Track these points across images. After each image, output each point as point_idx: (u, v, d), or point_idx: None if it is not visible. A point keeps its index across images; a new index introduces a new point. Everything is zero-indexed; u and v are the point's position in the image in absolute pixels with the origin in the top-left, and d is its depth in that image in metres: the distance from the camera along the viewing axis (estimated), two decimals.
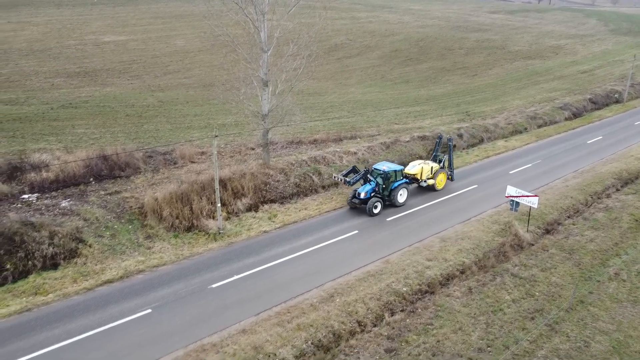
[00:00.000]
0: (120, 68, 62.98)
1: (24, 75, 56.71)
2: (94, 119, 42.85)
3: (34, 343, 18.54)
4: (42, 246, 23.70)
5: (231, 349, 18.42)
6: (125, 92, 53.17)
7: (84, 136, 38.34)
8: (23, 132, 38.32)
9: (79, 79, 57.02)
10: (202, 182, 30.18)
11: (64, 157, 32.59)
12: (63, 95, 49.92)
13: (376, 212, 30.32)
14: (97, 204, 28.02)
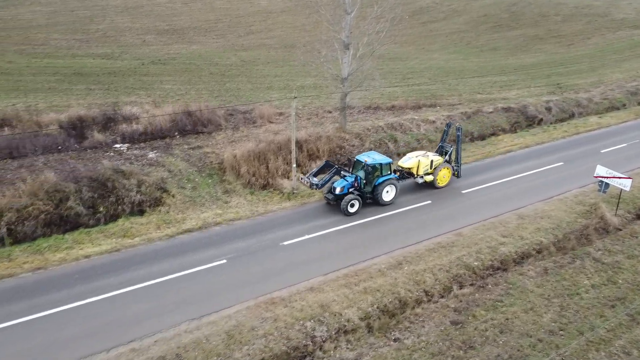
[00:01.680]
0: (206, 27, 64.68)
1: (119, 31, 59.81)
2: (180, 76, 44.65)
3: (121, 281, 20.21)
4: (131, 193, 25.47)
5: (299, 305, 19.07)
6: (210, 50, 54.73)
7: (170, 92, 40.16)
8: (117, 85, 40.78)
9: (168, 36, 59.32)
10: (279, 143, 30.80)
11: (152, 110, 34.41)
12: (153, 52, 52.29)
13: (352, 211, 25.79)
14: (180, 157, 29.51)
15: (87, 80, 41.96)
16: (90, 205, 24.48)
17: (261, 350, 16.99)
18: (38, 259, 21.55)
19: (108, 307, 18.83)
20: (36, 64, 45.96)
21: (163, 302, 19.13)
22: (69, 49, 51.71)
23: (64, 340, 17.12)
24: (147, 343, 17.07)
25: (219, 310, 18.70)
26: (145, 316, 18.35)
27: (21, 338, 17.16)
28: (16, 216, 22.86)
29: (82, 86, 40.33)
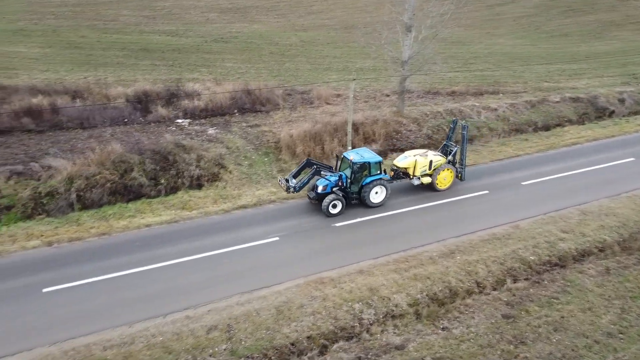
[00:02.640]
0: (268, 5, 65.05)
1: (184, 8, 61.22)
2: (241, 54, 45.33)
3: (178, 250, 21.06)
4: (190, 167, 26.33)
5: (348, 286, 19.22)
6: (270, 29, 55.10)
7: (231, 70, 40.89)
8: (180, 62, 41.95)
9: (231, 15, 60.15)
10: (335, 124, 30.79)
11: (213, 88, 35.24)
12: (216, 30, 53.27)
13: (334, 212, 23.79)
14: (238, 134, 30.14)
15: (153, 56, 43.40)
16: (152, 176, 25.53)
17: (309, 327, 17.31)
18: (103, 225, 22.80)
19: (165, 274, 19.72)
20: (106, 39, 47.97)
21: (217, 274, 19.81)
22: (137, 25, 53.57)
23: (124, 302, 18.12)
24: (200, 312, 17.78)
25: (270, 286, 19.16)
26: (200, 286, 19.08)
27: (86, 297, 18.31)
28: (85, 183, 24.22)
29: (148, 62, 41.76)
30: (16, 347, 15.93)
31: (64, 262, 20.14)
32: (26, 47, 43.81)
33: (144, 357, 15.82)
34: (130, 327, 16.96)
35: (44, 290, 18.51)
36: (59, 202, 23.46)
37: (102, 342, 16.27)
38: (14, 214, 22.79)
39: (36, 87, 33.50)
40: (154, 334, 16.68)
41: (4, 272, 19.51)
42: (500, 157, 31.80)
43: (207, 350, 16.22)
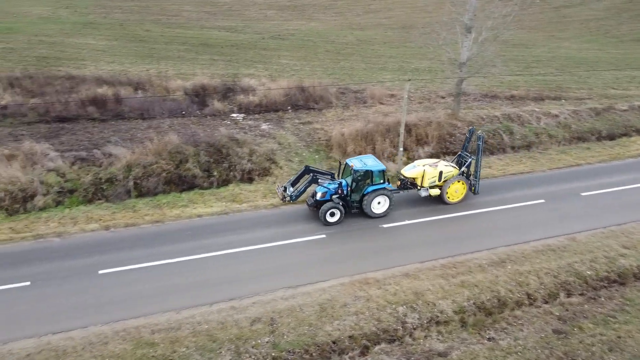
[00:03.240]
0: (326, 4, 65.27)
1: (244, 5, 62.42)
2: (297, 52, 45.70)
3: (226, 242, 21.51)
4: (243, 161, 26.83)
5: (393, 289, 19.01)
6: (327, 28, 55.25)
7: (286, 67, 41.32)
8: (238, 58, 42.80)
9: (289, 12, 60.78)
10: (388, 125, 30.51)
11: (268, 84, 35.73)
12: (273, 27, 53.98)
13: (331, 220, 22.80)
14: (290, 130, 30.44)
15: (212, 51, 44.51)
16: (205, 168, 26.21)
17: (351, 327, 17.25)
18: (157, 212, 23.62)
19: (213, 264, 20.20)
20: (169, 33, 49.63)
21: (263, 267, 20.09)
22: (198, 20, 55.10)
23: (173, 288, 18.69)
24: (245, 303, 18.09)
25: (314, 283, 19.23)
26: (246, 278, 19.41)
27: (138, 281, 19.03)
28: (142, 172, 25.17)
29: (207, 56, 42.87)
30: (72, 324, 16.77)
31: (119, 246, 21.03)
32: (94, 39, 46.01)
33: (190, 343, 16.27)
34: (178, 313, 17.49)
35: (100, 272, 19.40)
36: (118, 188, 24.50)
37: (150, 326, 16.86)
38: (76, 197, 24.00)
39: (102, 77, 35.12)
40: (199, 322, 17.12)
41: (64, 252, 20.59)
42: (559, 165, 30.53)
43: (250, 341, 16.48)
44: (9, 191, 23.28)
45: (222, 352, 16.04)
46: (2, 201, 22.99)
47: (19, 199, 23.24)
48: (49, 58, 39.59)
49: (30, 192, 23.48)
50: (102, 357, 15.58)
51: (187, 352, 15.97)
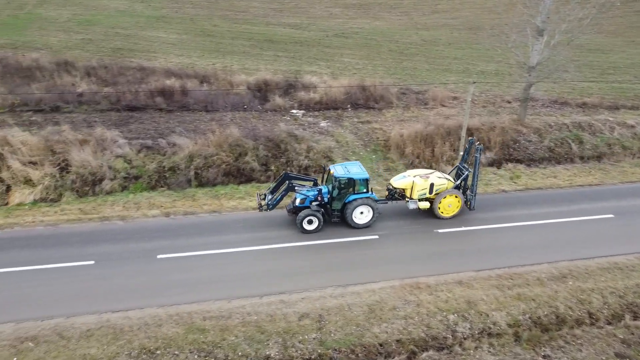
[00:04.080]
0: (392, 3, 64.53)
1: (310, 2, 62.78)
2: (360, 50, 45.52)
3: (278, 236, 21.78)
4: (300, 157, 27.07)
5: (444, 296, 18.56)
6: (392, 27, 54.63)
7: (348, 65, 41.25)
8: (301, 55, 43.16)
9: (354, 11, 60.58)
10: (449, 128, 29.82)
11: (329, 81, 35.81)
12: (338, 25, 54.00)
13: (309, 228, 21.86)
14: (349, 129, 30.37)
15: (276, 47, 45.15)
16: (263, 162, 26.65)
17: (399, 331, 17.00)
18: (215, 203, 24.28)
19: (265, 257, 20.51)
20: (235, 29, 50.78)
21: (314, 264, 20.19)
22: (265, 17, 56.03)
23: (226, 278, 19.15)
24: (294, 298, 18.25)
25: (364, 283, 19.11)
26: (296, 273, 19.58)
27: (193, 268, 19.64)
28: (203, 162, 25.94)
29: (271, 52, 43.53)
30: (130, 304, 17.56)
31: (178, 232, 21.79)
32: (166, 32, 47.84)
33: (239, 332, 16.60)
34: (229, 302, 17.89)
35: (158, 257, 20.18)
36: (179, 177, 25.38)
37: (202, 312, 17.36)
38: (140, 184, 25.09)
39: (171, 70, 36.50)
40: (249, 312, 17.44)
41: (127, 235, 21.58)
42: (632, 179, 28.73)
43: (297, 336, 16.61)
44: (80, 174, 24.69)
45: (270, 345, 16.26)
46: (73, 183, 24.43)
47: (88, 182, 24.59)
48: (123, 49, 41.59)
49: (99, 176, 24.79)
50: (155, 339, 16.19)
51: (235, 341, 16.31)
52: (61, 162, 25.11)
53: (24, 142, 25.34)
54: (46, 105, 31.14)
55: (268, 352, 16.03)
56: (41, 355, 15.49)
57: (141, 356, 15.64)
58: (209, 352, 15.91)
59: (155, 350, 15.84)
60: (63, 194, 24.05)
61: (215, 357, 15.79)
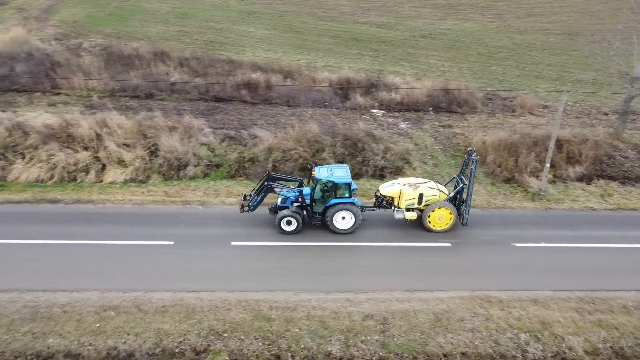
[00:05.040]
0: (484, 4, 62.30)
1: (398, 2, 62.11)
2: (446, 52, 44.41)
3: (355, 235, 21.78)
4: (376, 157, 26.92)
5: (517, 313, 17.72)
6: (482, 29, 52.76)
7: (433, 67, 40.39)
8: (385, 54, 42.87)
9: (444, 11, 59.16)
10: (536, 137, 28.36)
11: (412, 83, 35.30)
12: (425, 25, 53.00)
13: (287, 229, 21.31)
14: (429, 132, 29.80)
15: (361, 46, 45.14)
16: (340, 160, 26.77)
17: (465, 343, 16.48)
18: None
19: (334, 254, 20.69)
20: (322, 26, 51.39)
21: (383, 266, 20.06)
22: (352, 15, 56.19)
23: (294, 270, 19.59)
24: (360, 298, 18.22)
25: (433, 291, 18.69)
26: (364, 273, 19.55)
27: (264, 257, 20.23)
28: (281, 156, 26.55)
29: (355, 51, 43.60)
30: (203, 286, 18.37)
31: (252, 222, 22.38)
32: (255, 27, 49.39)
33: (303, 325, 16.87)
34: (296, 295, 18.21)
35: (232, 243, 20.93)
36: (257, 168, 26.14)
37: (269, 301, 17.81)
38: (221, 172, 26.13)
39: (257, 64, 37.69)
40: (314, 307, 17.65)
41: (205, 220, 22.57)
42: None
43: (360, 336, 16.59)
44: (167, 159, 26.16)
45: (332, 341, 16.37)
46: (160, 167, 25.93)
47: (174, 167, 25.99)
48: (214, 42, 43.49)
49: (184, 162, 26.12)
50: (224, 322, 16.85)
51: (299, 333, 16.59)
52: (151, 146, 26.76)
53: (120, 126, 27.27)
54: (142, 92, 33.35)
55: (330, 349, 16.15)
56: (120, 324, 16.63)
57: (209, 337, 16.34)
58: (272, 341, 16.31)
59: (222, 333, 16.49)
60: (150, 176, 25.60)
61: (279, 346, 16.16)
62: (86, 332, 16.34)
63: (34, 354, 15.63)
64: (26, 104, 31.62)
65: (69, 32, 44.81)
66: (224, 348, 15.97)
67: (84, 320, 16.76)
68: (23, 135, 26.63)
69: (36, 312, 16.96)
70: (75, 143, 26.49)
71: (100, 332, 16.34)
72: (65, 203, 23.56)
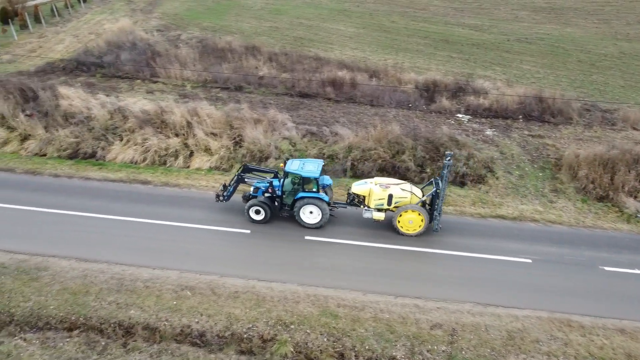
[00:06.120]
0: (590, 9, 58.28)
1: (494, 4, 59.72)
2: (543, 58, 42.09)
3: (423, 240, 21.32)
4: (458, 163, 26.06)
5: (599, 342, 16.50)
6: (585, 35, 49.37)
7: (527, 73, 38.44)
8: (476, 58, 41.40)
9: (543, 15, 56.08)
10: (637, 154, 26.09)
11: (502, 88, 33.82)
12: (522, 29, 50.52)
13: (256, 218, 21.75)
14: (517, 141, 28.42)
15: (451, 48, 43.90)
16: (419, 163, 26.27)
17: None
18: None
19: (407, 258, 20.33)
20: (413, 26, 50.55)
21: (456, 275, 19.44)
22: (444, 16, 54.78)
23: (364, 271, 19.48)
24: (430, 305, 17.83)
25: (507, 307, 17.88)
26: (436, 280, 19.08)
27: (337, 254, 20.33)
28: (360, 155, 26.51)
29: (445, 53, 42.47)
30: (275, 277, 18.88)
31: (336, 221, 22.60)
32: (345, 26, 49.60)
33: (369, 326, 16.80)
34: (364, 295, 18.17)
35: (306, 238, 21.25)
36: (336, 166, 26.29)
37: (338, 299, 17.91)
38: None
39: (344, 62, 37.85)
40: (382, 310, 17.51)
41: None
42: None
43: (426, 344, 16.24)
44: (250, 150, 27.04)
45: (397, 346, 16.17)
46: (243, 157, 26.86)
47: (256, 158, 26.81)
48: (304, 39, 44.24)
49: (265, 154, 26.87)
50: (292, 314, 17.18)
51: (365, 334, 16.54)
52: (236, 137, 27.79)
53: (209, 115, 28.57)
54: (232, 84, 34.71)
55: (395, 353, 15.96)
56: (195, 304, 17.49)
57: (277, 327, 16.74)
58: (337, 339, 16.39)
59: (289, 324, 16.82)
60: (233, 165, 26.60)
61: (343, 344, 16.21)
62: (164, 308, 17.35)
63: (116, 322, 16.84)
64: (127, 90, 34.03)
65: (170, 24, 47.57)
66: (290, 339, 16.28)
67: (163, 296, 17.79)
68: (123, 118, 28.69)
69: (121, 284, 18.26)
70: (168, 129, 28.12)
71: (176, 310, 17.28)
72: (155, 185, 25.11)
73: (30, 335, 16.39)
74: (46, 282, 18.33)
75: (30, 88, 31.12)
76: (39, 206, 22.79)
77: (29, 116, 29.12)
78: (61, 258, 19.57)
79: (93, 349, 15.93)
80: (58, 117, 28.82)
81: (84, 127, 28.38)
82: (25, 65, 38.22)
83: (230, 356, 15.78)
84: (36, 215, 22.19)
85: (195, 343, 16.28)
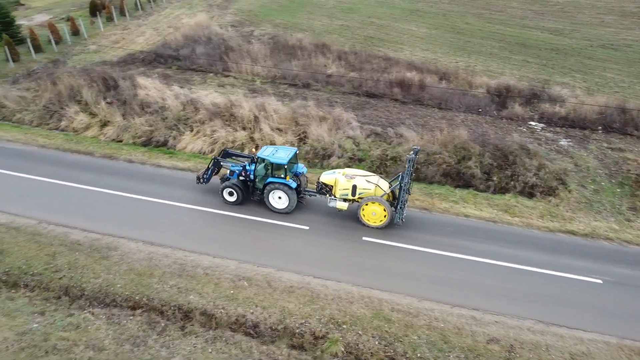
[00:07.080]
0: None
1: (578, 7, 56.66)
2: (629, 66, 39.40)
3: (486, 250, 20.59)
4: (528, 173, 24.98)
5: None
6: None
7: (610, 81, 36.15)
8: (554, 63, 39.43)
9: (632, 20, 52.51)
10: None
11: (581, 97, 32.03)
12: (607, 34, 47.55)
13: (229, 199, 22.96)
14: (594, 154, 26.83)
15: (528, 52, 42.06)
16: (486, 171, 25.41)
17: None
18: (428, 200, 24.18)
19: (465, 267, 19.71)
20: (488, 28, 48.86)
21: (518, 289, 18.63)
22: (522, 19, 52.53)
23: (421, 276, 19.09)
24: (487, 319, 17.23)
25: (572, 328, 16.94)
26: (495, 293, 18.38)
27: (392, 259, 20.09)
28: (425, 158, 26.00)
29: (520, 57, 40.75)
30: (331, 275, 18.96)
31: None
32: (417, 26, 48.77)
33: (422, 334, 16.47)
34: (419, 302, 17.84)
35: (364, 238, 21.18)
36: (399, 168, 25.94)
37: (392, 303, 17.70)
38: (362, 167, 26.44)
39: (413, 63, 37.24)
40: (437, 318, 17.12)
41: (346, 213, 23.09)
42: None
43: (481, 358, 15.70)
44: (314, 147, 27.26)
45: (450, 357, 15.76)
46: (307, 154, 27.11)
47: (319, 155, 26.99)
48: (374, 38, 43.94)
49: (329, 152, 26.97)
50: (344, 313, 17.17)
51: (417, 341, 16.24)
52: (301, 133, 28.10)
53: (276, 111, 29.07)
54: (300, 81, 35.10)
55: None
56: (251, 295, 17.88)
57: (329, 325, 16.79)
58: (389, 343, 16.21)
59: (342, 324, 16.82)
60: None
61: (394, 349, 16.00)
62: (221, 296, 17.87)
63: (176, 306, 17.54)
64: (200, 83, 35.28)
65: (244, 20, 48.81)
66: (341, 339, 16.28)
67: (221, 285, 18.33)
68: (194, 110, 29.79)
69: (183, 270, 19.00)
70: (236, 122, 28.90)
71: (233, 299, 17.74)
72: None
73: (98, 310, 17.42)
74: (115, 261, 19.40)
75: (112, 77, 33.03)
76: (113, 189, 24.17)
77: (109, 104, 30.94)
78: (130, 240, 20.65)
79: (153, 328, 16.68)
80: (135, 106, 30.41)
81: (158, 117, 29.75)
82: (108, 55, 40.58)
83: (282, 349, 16.00)
84: (110, 198, 23.55)
85: (248, 333, 16.65)
